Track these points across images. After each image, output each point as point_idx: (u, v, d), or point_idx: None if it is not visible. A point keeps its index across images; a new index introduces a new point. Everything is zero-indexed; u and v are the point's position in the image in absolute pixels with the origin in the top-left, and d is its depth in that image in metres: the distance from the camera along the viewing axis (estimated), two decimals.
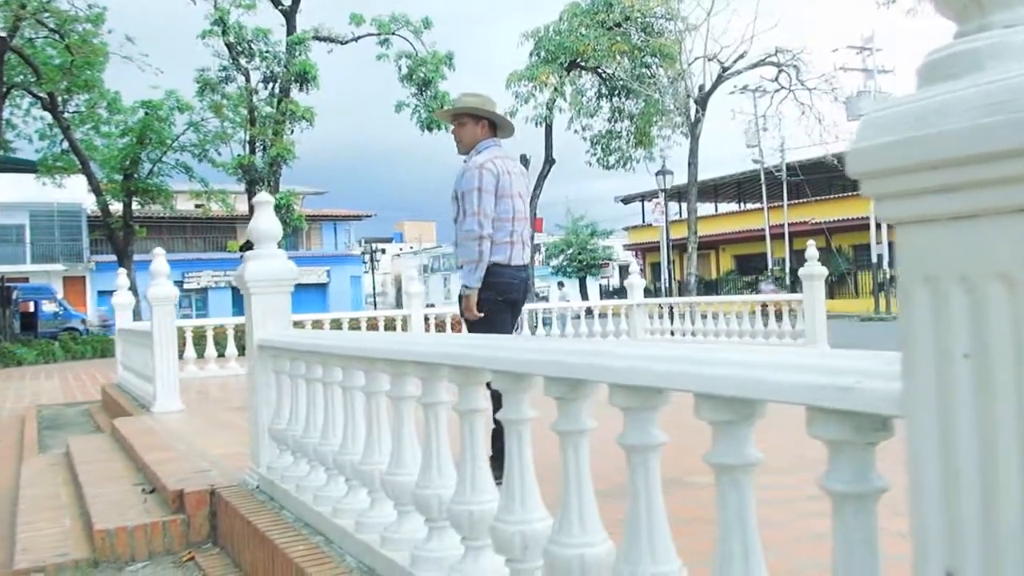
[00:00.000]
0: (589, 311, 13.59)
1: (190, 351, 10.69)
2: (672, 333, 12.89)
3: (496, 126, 4.31)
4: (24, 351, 20.78)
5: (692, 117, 22.57)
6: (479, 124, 4.24)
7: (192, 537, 4.09)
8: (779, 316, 11.84)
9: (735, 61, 22.38)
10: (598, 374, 1.71)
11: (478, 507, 2.24)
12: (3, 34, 20.63)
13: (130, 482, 4.99)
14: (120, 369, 10.48)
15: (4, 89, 21.95)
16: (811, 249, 10.85)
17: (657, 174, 22.74)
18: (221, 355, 11.18)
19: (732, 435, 1.45)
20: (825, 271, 10.95)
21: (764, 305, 12.57)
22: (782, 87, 22.82)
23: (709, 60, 22.31)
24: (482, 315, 4.09)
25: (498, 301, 4.12)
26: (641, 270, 46.39)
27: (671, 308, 13.88)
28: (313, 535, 3.21)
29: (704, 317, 12.77)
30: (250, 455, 4.26)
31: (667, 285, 30.26)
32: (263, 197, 4.24)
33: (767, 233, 35.37)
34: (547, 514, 2.07)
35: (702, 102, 22.59)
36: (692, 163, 23.25)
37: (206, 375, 10.81)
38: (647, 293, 19.30)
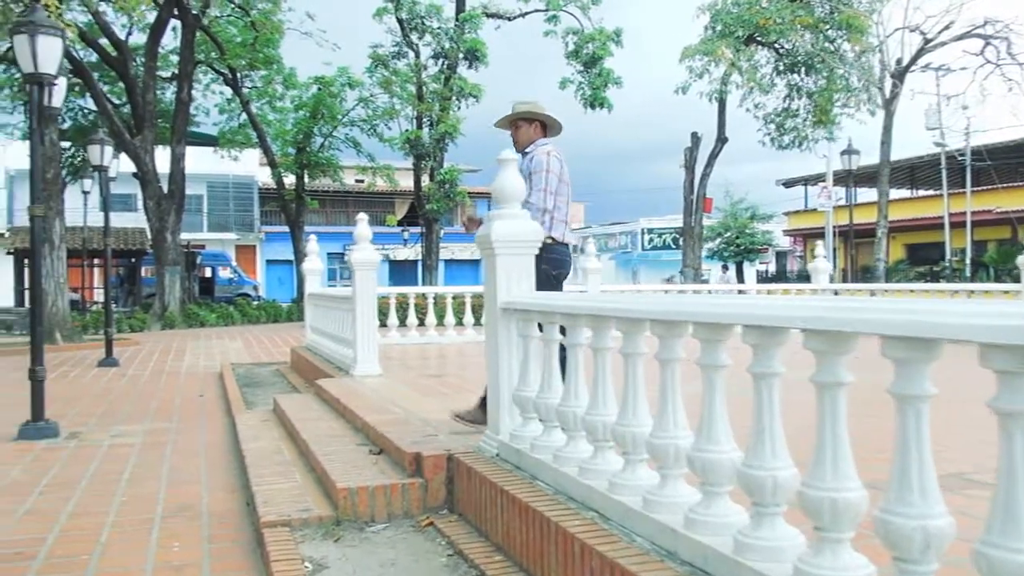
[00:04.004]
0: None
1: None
2: None
3: (546, 127, 4.86)
4: (206, 313, 22.00)
5: (888, 93, 21.08)
6: (532, 126, 4.82)
7: (429, 502, 3.98)
8: None
9: (939, 32, 20.70)
10: None
11: (843, 495, 1.94)
12: (195, 12, 21.70)
13: (352, 442, 4.97)
14: (308, 332, 10.76)
15: (192, 65, 23.13)
16: None
17: (842, 153, 21.32)
18: (403, 323, 11.31)
19: None
20: None
21: (970, 293, 11.59)
22: (988, 61, 20.91)
23: (910, 31, 20.75)
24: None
25: (552, 275, 4.58)
26: (801, 256, 44.22)
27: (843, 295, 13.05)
28: (583, 510, 2.99)
29: None
30: (488, 422, 4.12)
31: (838, 273, 28.71)
32: (507, 155, 4.06)
33: (946, 221, 32.97)
34: (946, 509, 1.76)
35: (899, 76, 21.06)
36: (885, 141, 21.71)
37: (387, 342, 10.93)
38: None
